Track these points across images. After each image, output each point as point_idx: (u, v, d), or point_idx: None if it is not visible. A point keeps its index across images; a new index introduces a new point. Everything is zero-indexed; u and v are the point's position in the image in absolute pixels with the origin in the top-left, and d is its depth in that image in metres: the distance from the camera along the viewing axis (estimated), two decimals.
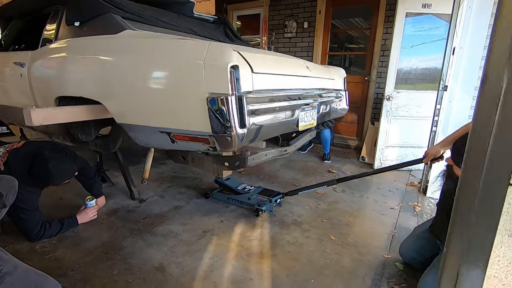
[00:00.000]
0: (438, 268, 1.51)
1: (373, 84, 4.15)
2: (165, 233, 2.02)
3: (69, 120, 1.77)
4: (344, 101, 2.52)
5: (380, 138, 3.46)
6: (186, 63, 1.34)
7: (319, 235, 2.06)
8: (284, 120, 1.66)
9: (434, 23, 3.24)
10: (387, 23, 3.84)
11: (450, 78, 2.58)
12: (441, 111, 2.66)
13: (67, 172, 1.88)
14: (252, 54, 1.47)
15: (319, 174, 3.34)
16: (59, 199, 2.48)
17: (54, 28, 2.13)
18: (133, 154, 3.70)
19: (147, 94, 1.47)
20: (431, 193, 2.77)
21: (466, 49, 2.56)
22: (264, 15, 4.86)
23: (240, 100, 1.26)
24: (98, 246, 1.86)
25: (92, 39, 1.76)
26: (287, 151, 2.06)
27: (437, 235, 1.59)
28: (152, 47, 1.51)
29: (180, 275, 1.62)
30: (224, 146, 1.30)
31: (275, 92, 1.56)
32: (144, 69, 1.48)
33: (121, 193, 2.60)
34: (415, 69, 3.31)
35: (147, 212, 2.31)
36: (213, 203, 2.48)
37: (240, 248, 1.88)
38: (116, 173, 2.94)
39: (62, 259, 1.72)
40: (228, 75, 1.22)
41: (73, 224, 2.01)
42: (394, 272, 1.72)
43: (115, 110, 1.62)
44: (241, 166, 1.68)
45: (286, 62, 1.91)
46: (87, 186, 2.25)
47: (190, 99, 1.32)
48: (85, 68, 1.74)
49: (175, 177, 3.06)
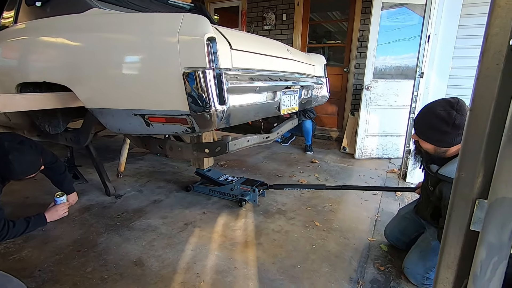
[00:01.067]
0: (422, 247, 1.52)
1: (352, 75, 4.21)
2: (143, 228, 1.91)
3: (33, 107, 1.62)
4: (324, 88, 2.51)
5: (360, 128, 3.50)
6: (160, 37, 1.25)
7: (304, 222, 2.03)
8: (266, 102, 1.61)
9: (408, 15, 3.32)
10: (364, 14, 3.90)
11: (426, 65, 2.65)
12: (418, 97, 2.71)
13: (31, 165, 1.72)
14: (230, 30, 1.40)
15: (301, 164, 3.33)
16: (24, 198, 2.29)
17: (13, 11, 1.95)
18: (109, 151, 3.52)
19: (117, 73, 1.36)
20: (410, 178, 2.83)
21: (440, 36, 2.63)
22: (243, 8, 4.79)
23: (219, 76, 1.19)
24: (69, 244, 1.72)
25: (56, 19, 1.62)
26: (269, 138, 2.01)
27: (421, 215, 1.60)
28: (122, 23, 1.40)
29: (160, 268, 1.53)
30: (203, 125, 1.23)
31: (256, 72, 1.50)
32: (115, 47, 1.37)
33: (95, 190, 2.45)
34: (393, 57, 3.39)
35: (124, 207, 2.18)
36: (195, 196, 2.39)
37: (223, 238, 1.81)
38: (90, 170, 2.77)
39: (28, 259, 1.58)
40: (205, 47, 1.14)
41: (41, 222, 1.85)
42: (379, 254, 1.72)
43: (83, 94, 1.50)
44: (222, 152, 1.60)
45: (266, 42, 1.86)
46: (57, 182, 2.09)
47: (165, 75, 1.23)
48: (48, 50, 1.60)
49: (153, 172, 2.94)
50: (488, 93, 0.43)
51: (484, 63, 0.43)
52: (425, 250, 1.48)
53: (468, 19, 2.89)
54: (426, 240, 1.52)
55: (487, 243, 0.44)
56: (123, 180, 2.68)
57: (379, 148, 3.58)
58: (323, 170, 3.14)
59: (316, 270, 1.55)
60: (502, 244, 0.43)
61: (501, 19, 0.40)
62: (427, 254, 1.46)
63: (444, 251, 0.51)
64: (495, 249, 0.44)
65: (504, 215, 0.43)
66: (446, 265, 0.50)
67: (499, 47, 0.42)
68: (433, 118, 1.25)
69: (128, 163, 2.89)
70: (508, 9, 0.39)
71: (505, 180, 0.42)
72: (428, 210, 1.50)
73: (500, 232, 0.43)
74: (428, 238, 1.51)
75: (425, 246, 1.50)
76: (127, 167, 2.86)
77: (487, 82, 0.43)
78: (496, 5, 0.41)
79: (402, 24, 3.35)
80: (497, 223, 0.43)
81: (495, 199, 0.44)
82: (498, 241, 0.43)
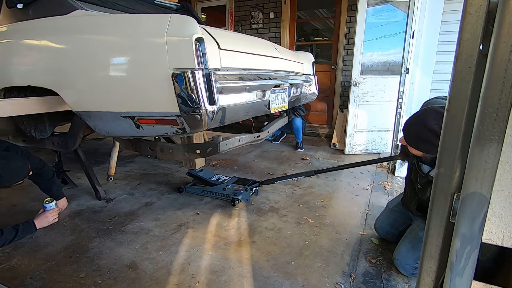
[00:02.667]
0: (410, 238, 1.57)
1: (340, 72, 4.26)
2: (136, 231, 1.89)
3: (18, 113, 1.58)
4: (313, 86, 2.53)
5: (349, 124, 3.56)
6: (147, 38, 1.24)
7: (297, 219, 2.06)
8: (256, 101, 1.62)
9: (393, 12, 3.39)
10: (350, 11, 3.95)
11: (411, 61, 2.71)
12: (404, 93, 2.77)
13: (19, 173, 1.68)
14: (218, 30, 1.40)
15: (293, 162, 3.36)
16: (12, 206, 2.23)
17: None
18: (98, 155, 3.47)
19: (105, 75, 1.35)
20: (399, 171, 2.89)
21: (424, 32, 2.69)
22: (230, 7, 4.78)
23: (208, 77, 1.19)
24: (60, 250, 1.69)
25: (39, 21, 1.58)
26: (260, 137, 2.02)
27: (408, 207, 1.65)
28: (108, 24, 1.38)
29: (154, 270, 1.52)
30: (194, 126, 1.23)
31: (245, 71, 1.51)
32: (101, 49, 1.35)
33: (85, 194, 2.41)
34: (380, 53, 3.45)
35: (115, 211, 2.16)
36: (187, 197, 2.39)
37: (217, 238, 1.82)
38: (79, 174, 2.73)
39: (18, 268, 1.55)
40: (193, 47, 1.14)
41: (30, 230, 1.81)
42: (370, 247, 1.76)
43: (70, 98, 1.47)
44: (213, 152, 1.61)
45: (254, 41, 1.87)
46: (45, 188, 2.04)
47: (154, 77, 1.22)
48: (32, 53, 1.57)
49: (144, 174, 2.91)
50: (462, 95, 0.46)
51: (458, 67, 0.46)
52: (413, 241, 1.53)
53: (450, 15, 2.97)
54: (414, 232, 1.56)
55: (461, 234, 0.47)
56: (113, 183, 2.65)
57: (368, 143, 3.64)
58: (314, 167, 3.18)
59: (309, 265, 1.58)
60: (473, 234, 0.47)
61: (471, 25, 0.43)
62: (415, 245, 1.50)
63: (427, 242, 0.54)
64: (468, 239, 0.47)
65: (474, 208, 0.46)
66: (429, 256, 0.53)
67: (471, 52, 0.45)
68: (426, 131, 1.24)
69: (118, 166, 2.86)
70: (477, 16, 0.42)
71: (474, 176, 0.45)
72: (414, 203, 1.54)
73: (472, 224, 0.46)
74: (416, 229, 1.56)
75: (413, 237, 1.54)
76: (117, 170, 2.83)
77: (461, 84, 0.46)
78: (467, 13, 0.43)
79: (387, 21, 3.41)
80: (469, 215, 0.46)
81: (466, 194, 0.47)
82: (470, 232, 0.46)
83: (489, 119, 0.42)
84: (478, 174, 0.44)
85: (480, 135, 0.43)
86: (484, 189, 0.44)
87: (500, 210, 0.45)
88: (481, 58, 0.44)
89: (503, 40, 0.38)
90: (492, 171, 0.43)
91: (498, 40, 0.39)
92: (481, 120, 0.43)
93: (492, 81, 0.40)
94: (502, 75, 0.40)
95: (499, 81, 0.40)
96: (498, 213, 0.45)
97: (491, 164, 0.43)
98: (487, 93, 0.41)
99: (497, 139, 0.42)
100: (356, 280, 1.48)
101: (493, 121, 0.42)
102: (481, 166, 0.43)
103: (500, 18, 0.38)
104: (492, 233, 0.46)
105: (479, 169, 0.44)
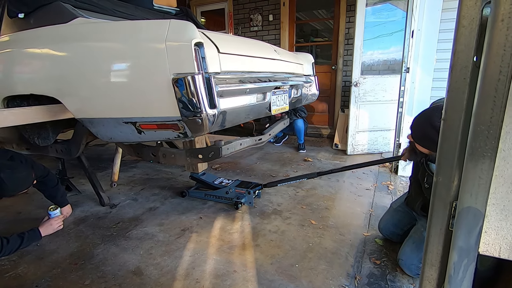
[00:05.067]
0: (415, 238, 1.56)
1: (340, 72, 4.26)
2: (140, 236, 1.90)
3: (22, 122, 1.60)
4: (314, 86, 2.54)
5: (351, 124, 3.55)
6: (147, 44, 1.26)
7: (300, 221, 2.06)
8: (256, 103, 1.63)
9: (392, 11, 3.39)
10: (349, 12, 3.95)
11: (411, 60, 2.70)
12: (405, 92, 2.77)
13: (24, 182, 1.70)
14: (217, 34, 1.41)
15: (295, 163, 3.35)
16: (17, 214, 2.25)
17: None
18: (101, 161, 3.49)
19: (106, 82, 1.36)
20: (402, 171, 2.88)
21: (423, 31, 2.69)
22: (229, 10, 4.80)
23: (208, 81, 1.20)
24: (66, 257, 1.70)
25: (40, 30, 1.60)
26: (261, 140, 2.03)
27: (412, 207, 1.64)
28: (108, 31, 1.40)
29: (159, 276, 1.53)
30: (195, 130, 1.24)
31: (244, 74, 1.52)
32: (102, 56, 1.37)
33: (89, 200, 2.43)
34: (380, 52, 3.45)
35: (119, 216, 2.17)
36: (190, 201, 2.39)
37: (221, 242, 1.82)
38: (82, 180, 2.74)
39: (24, 276, 1.56)
40: (193, 52, 1.15)
41: (36, 237, 1.82)
42: (374, 248, 1.75)
43: (72, 105, 1.49)
44: (215, 157, 1.61)
45: (253, 44, 1.88)
46: (49, 195, 2.06)
47: (155, 82, 1.24)
48: (34, 62, 1.59)
49: (147, 179, 2.92)
50: (458, 105, 0.47)
51: (453, 77, 0.47)
52: (417, 241, 1.52)
53: (449, 13, 2.95)
54: (418, 231, 1.55)
55: (458, 247, 0.48)
56: (117, 189, 2.67)
57: (370, 143, 3.63)
58: (317, 168, 3.18)
59: (313, 268, 1.57)
60: (470, 248, 0.47)
61: (465, 37, 0.43)
62: (420, 245, 1.49)
63: (428, 250, 0.54)
64: (465, 252, 0.47)
65: (470, 222, 0.46)
66: (430, 263, 0.53)
67: (465, 63, 0.46)
68: (431, 129, 1.25)
69: (121, 172, 2.87)
70: (470, 28, 0.42)
71: (469, 191, 0.45)
72: (418, 203, 1.53)
73: (468, 237, 0.47)
74: (420, 229, 1.55)
75: (417, 237, 1.54)
76: (120, 175, 2.84)
77: (456, 95, 0.46)
78: (460, 25, 0.44)
79: (387, 20, 3.41)
80: (465, 229, 0.47)
81: (461, 208, 0.48)
82: (467, 245, 0.47)
83: (481, 136, 0.42)
84: (473, 189, 0.45)
85: (473, 151, 0.43)
86: (479, 203, 0.45)
87: (496, 223, 0.46)
88: (475, 69, 0.44)
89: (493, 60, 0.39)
90: (486, 186, 0.43)
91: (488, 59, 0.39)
92: (474, 137, 0.43)
93: (483, 99, 0.41)
94: (493, 94, 0.40)
95: (489, 99, 0.40)
96: (494, 225, 0.46)
97: (485, 180, 0.43)
98: (479, 110, 0.42)
99: (490, 155, 0.43)
100: (361, 281, 1.48)
101: (485, 138, 0.43)
102: (476, 181, 0.44)
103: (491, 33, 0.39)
104: (489, 245, 0.46)
105: (474, 183, 0.44)
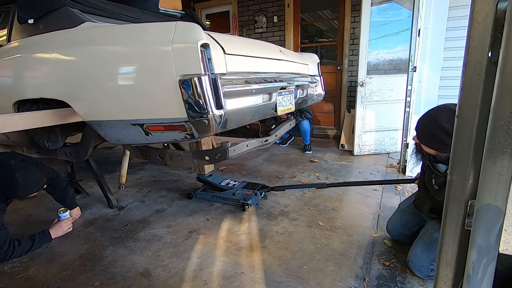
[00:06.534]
0: (425, 239, 1.54)
1: (346, 73, 4.24)
2: (148, 238, 1.91)
3: (32, 126, 1.63)
4: (319, 87, 2.53)
5: (357, 124, 3.52)
6: (154, 46, 1.27)
7: (307, 222, 2.05)
8: (262, 104, 1.63)
9: (397, 10, 3.36)
10: (354, 11, 3.93)
11: (418, 59, 2.67)
12: (412, 91, 2.74)
13: (36, 183, 1.73)
14: (222, 36, 1.42)
15: (301, 164, 3.34)
16: (28, 216, 2.29)
17: (6, 29, 1.96)
18: (109, 163, 3.52)
19: (114, 85, 1.38)
20: (410, 171, 2.85)
21: (430, 30, 2.66)
22: (233, 12, 4.82)
23: (215, 81, 1.21)
24: (75, 259, 1.72)
25: (49, 35, 1.63)
26: (268, 141, 2.03)
27: (420, 210, 1.62)
28: (115, 35, 1.42)
29: (167, 277, 1.53)
30: (202, 131, 1.24)
31: (250, 75, 1.52)
32: (109, 59, 1.38)
33: (97, 203, 2.45)
34: (386, 51, 3.42)
35: (127, 219, 2.19)
36: (197, 203, 2.40)
37: (228, 244, 1.82)
38: (91, 183, 2.78)
39: (35, 278, 1.58)
40: (199, 53, 1.16)
41: (46, 239, 1.85)
42: (383, 249, 1.73)
43: (81, 108, 1.51)
44: (222, 158, 1.62)
45: (259, 45, 1.88)
46: (59, 198, 2.09)
47: (161, 84, 1.25)
48: (44, 67, 1.61)
49: (155, 181, 2.94)
50: (472, 102, 0.46)
51: (467, 74, 0.46)
52: (428, 242, 1.50)
53: (457, 10, 2.92)
54: (428, 232, 1.53)
55: (477, 246, 0.46)
56: (125, 191, 2.69)
57: (377, 143, 3.60)
58: (323, 169, 3.16)
59: (322, 269, 1.56)
60: (489, 246, 0.46)
61: (479, 33, 0.43)
62: (430, 246, 1.47)
63: (442, 250, 0.53)
64: (484, 251, 0.46)
65: (489, 220, 0.45)
66: (445, 263, 0.52)
67: (480, 59, 0.44)
68: (437, 129, 1.23)
69: (128, 174, 2.90)
70: (485, 24, 0.42)
71: (488, 188, 0.44)
72: (427, 206, 1.51)
73: (488, 235, 0.46)
74: (430, 230, 1.53)
75: (427, 238, 1.52)
76: (128, 178, 2.87)
77: (470, 92, 0.45)
78: (474, 20, 0.43)
79: (392, 19, 3.38)
80: (484, 227, 0.46)
81: (480, 206, 0.46)
82: (487, 243, 0.46)
83: (501, 132, 0.41)
84: (492, 186, 0.43)
85: (493, 148, 0.42)
86: (499, 201, 0.44)
87: None
88: (490, 65, 0.43)
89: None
90: (507, 183, 0.42)
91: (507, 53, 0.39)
92: (492, 133, 0.42)
93: (503, 94, 0.40)
94: None
95: (509, 94, 0.39)
96: None
97: (505, 177, 0.42)
98: (498, 106, 0.41)
99: (510, 151, 0.42)
100: (370, 283, 1.46)
101: (505, 134, 0.41)
102: (495, 178, 0.43)
103: (509, 27, 0.38)
104: (509, 244, 0.45)
105: (493, 181, 0.43)
